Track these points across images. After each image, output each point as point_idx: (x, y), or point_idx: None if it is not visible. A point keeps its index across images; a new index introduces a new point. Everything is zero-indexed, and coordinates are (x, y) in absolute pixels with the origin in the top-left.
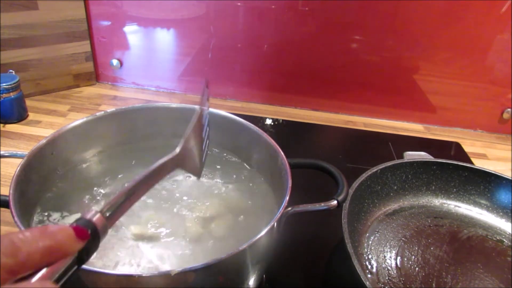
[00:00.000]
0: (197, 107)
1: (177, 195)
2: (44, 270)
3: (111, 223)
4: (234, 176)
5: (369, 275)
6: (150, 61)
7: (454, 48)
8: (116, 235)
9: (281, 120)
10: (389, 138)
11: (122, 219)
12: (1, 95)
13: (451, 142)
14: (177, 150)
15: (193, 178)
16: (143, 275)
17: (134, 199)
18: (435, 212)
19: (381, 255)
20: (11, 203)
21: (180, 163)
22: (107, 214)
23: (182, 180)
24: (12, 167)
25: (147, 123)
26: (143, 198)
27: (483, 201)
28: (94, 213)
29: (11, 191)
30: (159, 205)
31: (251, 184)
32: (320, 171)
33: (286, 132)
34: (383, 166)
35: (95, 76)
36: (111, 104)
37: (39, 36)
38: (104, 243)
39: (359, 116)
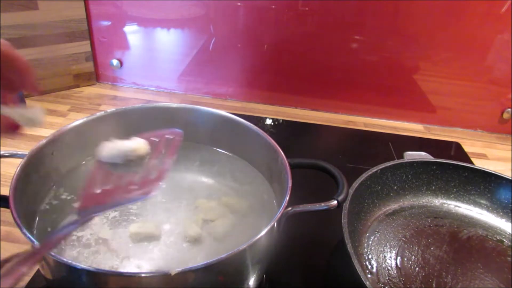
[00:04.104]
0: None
1: (177, 195)
2: None
3: None
4: (234, 176)
5: (369, 275)
6: (150, 61)
7: (454, 48)
8: (116, 235)
9: (281, 120)
10: (389, 138)
11: (122, 219)
12: None
13: (451, 142)
14: None
15: (192, 178)
16: (143, 275)
17: None
18: (435, 212)
19: (381, 255)
20: (11, 203)
21: None
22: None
23: (181, 180)
24: (12, 167)
25: (147, 123)
26: (143, 197)
27: (483, 201)
28: None
29: (11, 191)
30: (159, 205)
31: (251, 184)
32: (320, 171)
33: (286, 132)
34: (383, 166)
35: (95, 76)
36: (111, 104)
37: (39, 36)
38: (104, 243)
39: (359, 116)
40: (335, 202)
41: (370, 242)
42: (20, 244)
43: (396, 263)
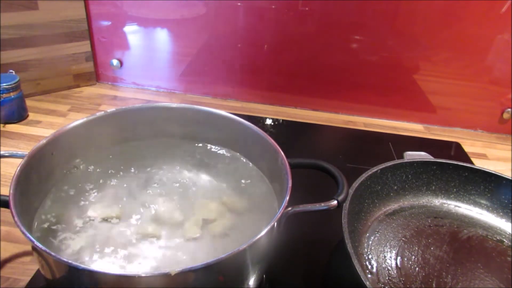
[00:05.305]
0: None
1: (177, 195)
2: None
3: None
4: (234, 176)
5: (369, 275)
6: (150, 61)
7: (454, 48)
8: (116, 235)
9: (281, 120)
10: (389, 138)
11: (122, 218)
12: (1, 95)
13: (451, 142)
14: None
15: (192, 178)
16: (143, 275)
17: None
18: (435, 212)
19: (381, 255)
20: (11, 203)
21: None
22: None
23: (182, 180)
24: (12, 167)
25: (147, 123)
26: (143, 197)
27: (483, 201)
28: None
29: (11, 191)
30: (159, 205)
31: (251, 184)
32: (320, 171)
33: (286, 132)
34: (383, 166)
35: (95, 76)
36: (111, 104)
37: (39, 36)
38: (104, 243)
39: (359, 116)
40: (335, 202)
41: (370, 242)
42: (20, 244)
43: (396, 263)
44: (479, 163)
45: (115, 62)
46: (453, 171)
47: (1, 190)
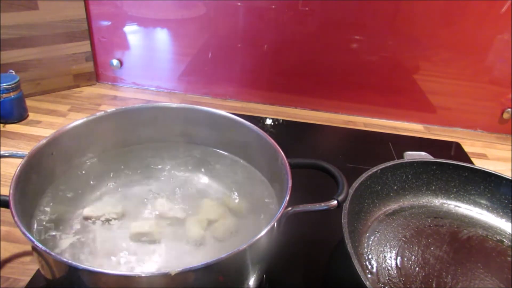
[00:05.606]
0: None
1: (177, 195)
2: None
3: None
4: (234, 176)
5: (369, 275)
6: (150, 61)
7: (454, 48)
8: (117, 234)
9: (281, 120)
10: (389, 138)
11: (124, 218)
12: (1, 95)
13: (451, 142)
14: None
15: (192, 178)
16: (143, 275)
17: None
18: (435, 212)
19: (381, 255)
20: (11, 203)
21: None
22: None
23: (182, 181)
24: (12, 167)
25: (147, 123)
26: (143, 197)
27: (483, 201)
28: None
29: (11, 191)
30: (159, 206)
31: (251, 184)
32: (320, 171)
33: (286, 132)
34: (383, 166)
35: (95, 76)
36: (111, 104)
37: (39, 36)
38: (104, 243)
39: (359, 116)
40: (335, 202)
41: (370, 242)
42: (20, 244)
43: (396, 263)
44: (479, 163)
45: (115, 62)
46: (453, 171)
47: (1, 190)
